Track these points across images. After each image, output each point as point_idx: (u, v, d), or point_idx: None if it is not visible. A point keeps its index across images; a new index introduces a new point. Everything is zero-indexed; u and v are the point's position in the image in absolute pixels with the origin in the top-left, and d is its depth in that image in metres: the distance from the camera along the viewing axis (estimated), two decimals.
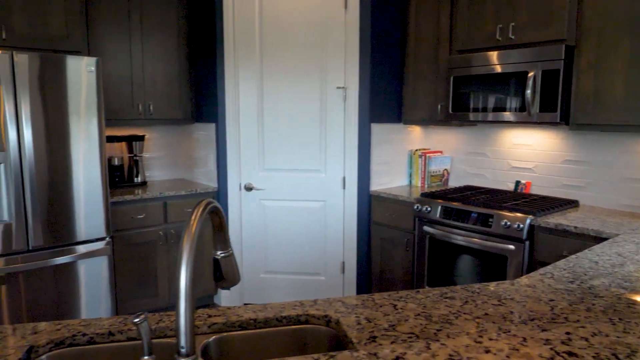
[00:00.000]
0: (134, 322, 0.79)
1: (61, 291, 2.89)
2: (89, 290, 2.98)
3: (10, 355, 1.10)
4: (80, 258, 2.92)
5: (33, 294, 2.79)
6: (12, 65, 2.61)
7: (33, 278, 2.78)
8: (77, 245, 2.91)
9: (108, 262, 3.04)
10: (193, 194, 3.57)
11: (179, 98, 3.76)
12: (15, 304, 2.74)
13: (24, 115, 2.64)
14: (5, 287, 2.70)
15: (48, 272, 2.82)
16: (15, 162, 2.64)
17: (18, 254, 2.72)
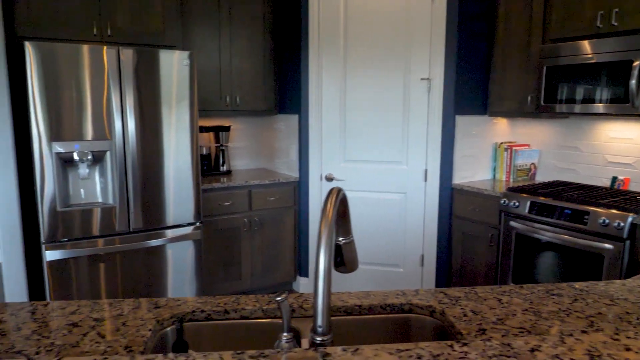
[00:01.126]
0: (277, 300, 0.85)
1: (152, 271, 3.08)
2: (176, 272, 3.16)
3: (144, 325, 1.21)
4: (172, 241, 3.10)
5: (128, 272, 3.00)
6: (119, 59, 2.80)
7: (128, 258, 2.99)
8: (169, 229, 3.09)
9: (195, 246, 3.21)
10: (276, 184, 3.68)
11: (264, 90, 3.88)
12: (112, 281, 2.96)
13: (127, 106, 2.84)
14: (103, 265, 2.93)
15: (142, 253, 3.03)
16: (119, 150, 2.84)
17: (119, 235, 2.93)
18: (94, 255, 2.86)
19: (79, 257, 2.83)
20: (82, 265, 2.85)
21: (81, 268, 2.85)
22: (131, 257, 3.00)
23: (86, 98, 2.75)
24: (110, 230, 2.90)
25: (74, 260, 2.81)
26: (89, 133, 2.77)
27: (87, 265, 2.87)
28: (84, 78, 2.73)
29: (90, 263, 2.88)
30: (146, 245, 3.02)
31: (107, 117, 2.81)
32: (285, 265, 3.82)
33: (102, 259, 2.91)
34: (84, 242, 2.83)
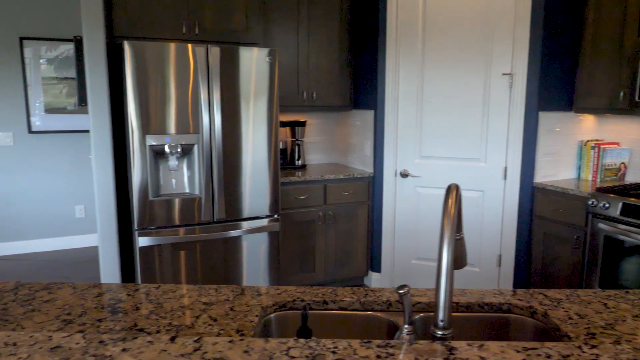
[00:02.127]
0: (400, 293, 0.87)
1: (229, 261, 3.20)
2: (252, 263, 3.26)
3: (250, 311, 1.27)
4: (250, 232, 3.20)
5: (208, 261, 3.14)
6: (207, 57, 2.93)
7: (209, 247, 3.12)
8: (249, 221, 3.20)
9: (270, 238, 3.30)
10: (350, 178, 3.71)
11: (340, 86, 3.91)
12: (192, 268, 3.10)
13: (215, 102, 2.96)
14: (187, 252, 3.07)
15: (222, 243, 3.15)
16: (206, 143, 2.98)
17: (204, 224, 3.07)
18: (179, 242, 3.02)
19: (166, 244, 2.99)
20: (168, 251, 3.01)
21: (167, 254, 3.02)
22: (212, 246, 3.14)
23: (177, 94, 2.89)
24: (195, 219, 3.04)
25: (161, 246, 2.98)
26: (179, 127, 2.92)
27: (172, 252, 3.03)
28: (175, 75, 2.88)
29: (175, 250, 3.04)
30: (227, 235, 3.14)
31: (196, 112, 2.94)
32: (358, 260, 3.85)
33: (187, 247, 3.06)
34: (171, 230, 3.00)
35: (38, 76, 4.57)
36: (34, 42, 4.52)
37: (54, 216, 4.79)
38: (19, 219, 4.67)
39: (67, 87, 4.65)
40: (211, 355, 0.75)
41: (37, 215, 4.73)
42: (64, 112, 4.67)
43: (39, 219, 4.74)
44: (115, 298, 1.36)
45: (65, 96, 4.65)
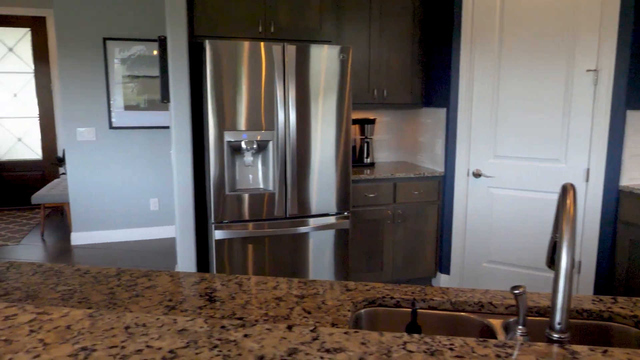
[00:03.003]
0: (515, 293, 0.86)
1: (297, 257, 3.24)
2: (319, 260, 3.28)
3: (342, 305, 1.29)
4: (321, 229, 3.23)
5: (278, 255, 3.19)
6: (283, 55, 2.98)
7: (282, 242, 3.17)
8: (320, 217, 3.23)
9: (338, 235, 3.31)
10: (421, 177, 3.66)
11: (410, 83, 3.87)
12: (260, 262, 3.17)
13: (290, 99, 3.01)
14: (258, 246, 3.14)
15: (292, 239, 3.19)
16: (281, 140, 3.03)
17: (277, 219, 3.13)
18: (252, 237, 3.10)
19: (240, 237, 3.07)
20: (241, 245, 3.10)
21: (240, 247, 3.10)
22: (283, 242, 3.19)
23: (254, 91, 2.97)
24: (269, 215, 3.11)
25: (235, 240, 3.07)
26: (255, 124, 2.99)
27: (245, 245, 3.11)
28: (253, 72, 2.95)
29: (248, 244, 3.11)
30: (297, 231, 3.18)
31: (272, 109, 3.01)
32: (426, 261, 3.80)
33: (258, 241, 3.13)
34: (245, 224, 3.08)
35: (118, 75, 4.83)
36: (115, 42, 4.77)
37: (131, 208, 5.05)
38: (100, 210, 4.95)
39: (139, 85, 4.89)
40: (330, 345, 0.76)
41: (115, 206, 5.00)
42: (137, 109, 4.91)
43: (118, 211, 5.01)
44: (211, 287, 1.41)
45: (136, 94, 4.89)
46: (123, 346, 0.75)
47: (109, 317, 0.85)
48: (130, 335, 0.79)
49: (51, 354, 0.73)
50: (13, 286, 1.44)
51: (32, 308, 0.89)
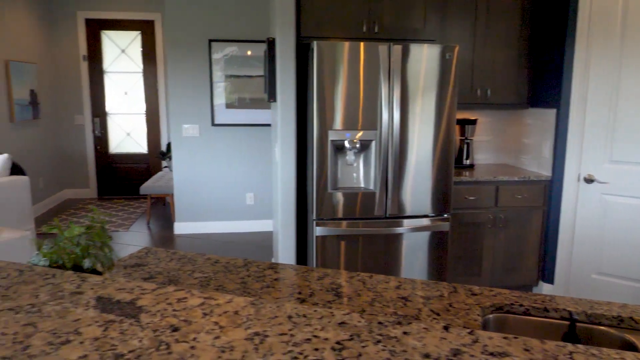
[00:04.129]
0: None
1: (395, 257, 3.21)
2: (415, 261, 3.24)
3: (470, 309, 1.27)
4: (419, 230, 3.19)
5: (375, 254, 3.18)
6: (389, 55, 2.98)
7: (378, 241, 3.17)
8: (419, 218, 3.19)
9: (436, 237, 3.25)
10: (525, 181, 3.50)
11: (516, 83, 3.71)
12: (353, 260, 3.18)
13: (394, 98, 3.01)
14: (356, 244, 3.16)
15: (390, 238, 3.18)
16: (384, 139, 3.04)
17: (376, 219, 3.14)
18: (351, 234, 3.13)
19: (339, 235, 3.12)
20: (340, 242, 3.14)
21: (339, 245, 3.15)
22: (382, 241, 3.19)
23: (358, 91, 2.99)
24: (368, 213, 3.13)
25: (335, 237, 3.12)
26: (358, 123, 3.02)
27: (343, 243, 3.15)
28: (357, 72, 2.98)
29: (346, 241, 3.15)
30: (396, 231, 3.17)
31: (375, 109, 3.02)
32: (528, 268, 3.63)
33: (359, 239, 3.15)
34: (345, 222, 3.12)
35: (220, 75, 5.07)
36: (219, 43, 5.02)
37: (228, 202, 5.29)
38: (200, 202, 5.24)
39: (240, 84, 5.10)
40: (492, 349, 0.76)
41: (214, 199, 5.26)
42: (237, 107, 5.13)
43: (216, 203, 5.27)
44: (335, 283, 1.45)
45: (237, 93, 5.11)
46: (292, 334, 0.80)
47: (270, 306, 0.90)
48: (295, 324, 0.83)
49: (229, 336, 0.79)
50: (155, 270, 1.57)
51: (198, 293, 0.97)
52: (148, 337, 0.81)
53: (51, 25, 6.37)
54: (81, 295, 0.99)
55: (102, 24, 6.50)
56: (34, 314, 0.92)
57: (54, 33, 6.41)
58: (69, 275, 1.11)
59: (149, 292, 0.99)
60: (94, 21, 6.47)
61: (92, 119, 6.64)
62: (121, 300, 0.96)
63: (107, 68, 6.64)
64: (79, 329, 0.85)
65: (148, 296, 0.97)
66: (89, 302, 0.96)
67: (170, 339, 0.80)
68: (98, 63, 6.58)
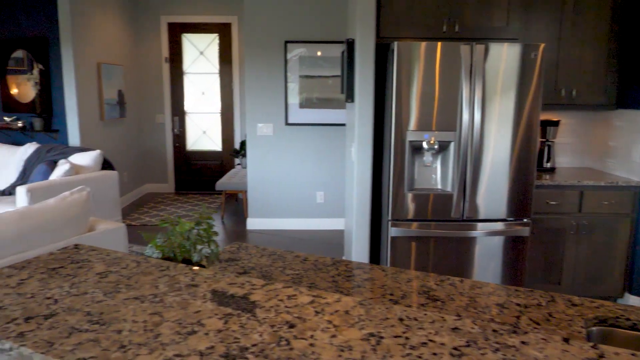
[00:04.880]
0: None
1: (465, 261, 3.14)
2: (486, 266, 3.15)
3: (572, 321, 1.23)
4: (496, 234, 3.10)
5: (449, 257, 3.13)
6: (471, 54, 2.92)
7: (452, 244, 3.11)
8: (497, 222, 3.11)
9: (513, 242, 3.14)
10: (613, 187, 3.32)
11: (604, 83, 3.52)
12: (424, 262, 3.14)
13: (476, 99, 2.95)
14: (425, 245, 3.12)
15: (466, 242, 3.11)
16: (463, 141, 2.98)
17: (452, 221, 3.09)
18: (427, 236, 3.10)
19: (414, 236, 3.10)
20: (415, 243, 3.12)
21: (413, 246, 3.12)
22: (457, 244, 3.13)
23: (438, 91, 2.96)
24: (445, 215, 3.08)
25: (409, 238, 3.10)
26: (437, 124, 2.98)
27: (418, 244, 3.12)
28: (438, 73, 2.94)
29: (421, 243, 3.12)
30: (472, 234, 3.11)
31: (455, 109, 2.97)
32: (612, 278, 3.44)
33: (432, 241, 3.12)
34: (420, 223, 3.09)
35: (295, 75, 5.17)
36: (294, 44, 5.12)
37: (299, 199, 5.39)
38: (272, 199, 5.38)
39: (313, 84, 5.17)
40: None
41: (286, 197, 5.38)
42: (310, 107, 5.20)
43: (287, 201, 5.38)
44: (425, 286, 1.45)
45: (310, 93, 5.18)
46: (407, 337, 0.82)
47: (379, 307, 0.92)
48: (408, 327, 0.85)
49: (345, 336, 0.82)
50: (248, 265, 1.64)
51: (306, 290, 1.01)
52: (267, 332, 0.86)
53: (137, 29, 6.76)
54: (197, 287, 1.06)
55: (183, 27, 6.81)
56: (158, 303, 1.00)
57: (139, 37, 6.79)
58: (181, 268, 1.19)
59: (259, 288, 1.04)
60: (176, 25, 6.79)
61: (171, 117, 6.98)
62: (235, 294, 1.02)
63: (186, 69, 6.95)
64: (201, 320, 0.92)
65: (259, 291, 1.03)
66: (205, 294, 1.03)
67: (289, 335, 0.84)
68: (178, 64, 6.90)
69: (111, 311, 0.96)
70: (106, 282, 1.13)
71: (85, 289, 1.09)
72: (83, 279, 1.15)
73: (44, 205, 2.58)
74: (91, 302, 1.01)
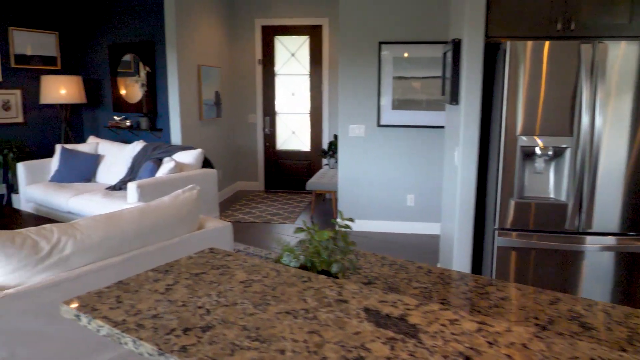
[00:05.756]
0: None
1: (569, 275, 2.90)
2: (590, 281, 2.89)
3: None
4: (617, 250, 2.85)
5: (555, 270, 2.91)
6: (593, 54, 2.70)
7: (565, 258, 2.89)
8: (619, 236, 2.85)
9: (617, 257, 2.86)
10: None
11: None
12: (539, 275, 2.93)
13: (597, 102, 2.72)
14: (533, 257, 2.92)
15: (581, 256, 2.88)
16: (582, 147, 2.77)
17: (566, 233, 2.88)
18: (536, 248, 2.91)
19: (522, 247, 2.92)
20: (522, 255, 2.94)
21: (520, 258, 2.95)
22: (569, 258, 2.92)
23: (554, 94, 2.77)
24: (557, 227, 2.88)
25: (517, 249, 2.93)
26: (552, 128, 2.79)
27: (525, 257, 2.94)
28: (554, 74, 2.75)
29: (529, 255, 2.94)
30: (589, 248, 2.87)
31: (573, 113, 2.77)
32: None
33: (542, 254, 2.91)
34: (530, 234, 2.91)
35: (388, 76, 5.09)
36: (389, 45, 5.04)
37: (389, 202, 5.31)
38: (362, 200, 5.34)
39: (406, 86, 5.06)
40: None
41: (375, 199, 5.32)
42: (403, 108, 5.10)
43: (377, 203, 5.32)
44: (573, 310, 1.34)
45: (396, 94, 5.07)
46: None
47: (561, 342, 0.85)
48: None
49: None
50: (371, 275, 1.60)
51: (468, 315, 0.95)
52: None
53: (232, 32, 6.99)
54: (347, 304, 1.04)
55: (276, 30, 6.95)
56: (312, 320, 0.98)
57: (235, 39, 7.02)
58: (324, 280, 1.17)
59: (414, 308, 1.00)
60: (269, 27, 6.94)
61: (262, 117, 7.16)
62: (390, 314, 0.98)
63: (278, 71, 7.09)
64: (364, 343, 0.89)
65: (415, 312, 0.98)
66: (358, 313, 1.00)
67: None
68: (270, 66, 7.06)
69: (267, 326, 0.96)
70: (252, 292, 1.13)
71: (234, 299, 1.10)
72: (228, 287, 1.17)
73: (160, 203, 2.71)
74: (244, 315, 1.02)
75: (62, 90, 5.64)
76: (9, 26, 5.59)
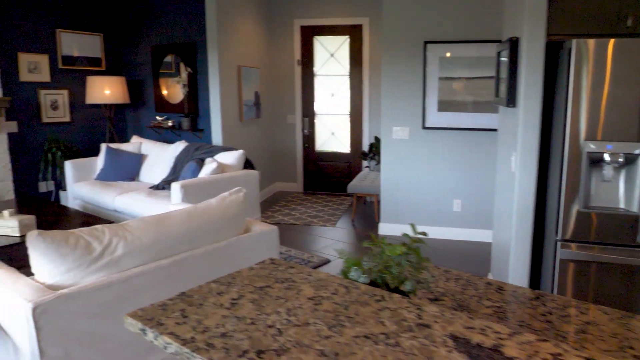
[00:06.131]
0: None
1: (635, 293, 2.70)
2: None
3: None
4: None
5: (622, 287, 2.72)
6: None
7: (627, 272, 2.70)
8: None
9: None
10: None
11: None
12: (603, 291, 2.74)
13: None
14: (574, 265, 2.73)
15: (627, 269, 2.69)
16: None
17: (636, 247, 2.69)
18: (602, 262, 2.73)
19: (587, 261, 2.75)
20: (586, 269, 2.76)
21: (584, 272, 2.77)
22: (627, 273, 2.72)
23: (626, 96, 2.58)
24: (627, 239, 2.69)
25: (580, 262, 2.76)
26: (623, 133, 2.61)
27: (589, 271, 2.76)
28: (625, 74, 2.57)
29: (593, 269, 2.76)
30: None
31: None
32: None
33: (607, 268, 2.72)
34: (595, 246, 2.73)
35: (434, 77, 4.94)
36: (434, 45, 4.89)
37: (434, 207, 5.15)
38: (406, 205, 5.20)
39: (453, 87, 4.89)
40: None
41: (420, 203, 5.17)
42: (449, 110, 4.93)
43: (422, 207, 5.18)
44: None
45: (442, 95, 4.91)
46: None
47: None
48: None
49: None
50: (437, 290, 1.50)
51: (571, 349, 0.84)
52: None
53: (272, 33, 6.96)
54: (430, 329, 0.94)
55: (315, 30, 6.88)
56: (395, 347, 0.89)
57: (274, 40, 6.99)
58: (399, 300, 1.08)
59: (507, 338, 0.89)
60: (308, 28, 6.88)
61: (301, 118, 7.10)
62: (481, 344, 0.88)
63: (317, 71, 7.02)
64: None
65: (509, 343, 0.88)
66: (445, 340, 0.90)
67: None
68: (309, 67, 6.99)
69: (346, 352, 0.87)
70: (323, 310, 1.05)
71: (305, 318, 1.02)
72: (296, 304, 1.09)
73: (207, 206, 2.67)
74: (319, 337, 0.93)
75: (106, 90, 5.73)
76: (56, 28, 5.71)
